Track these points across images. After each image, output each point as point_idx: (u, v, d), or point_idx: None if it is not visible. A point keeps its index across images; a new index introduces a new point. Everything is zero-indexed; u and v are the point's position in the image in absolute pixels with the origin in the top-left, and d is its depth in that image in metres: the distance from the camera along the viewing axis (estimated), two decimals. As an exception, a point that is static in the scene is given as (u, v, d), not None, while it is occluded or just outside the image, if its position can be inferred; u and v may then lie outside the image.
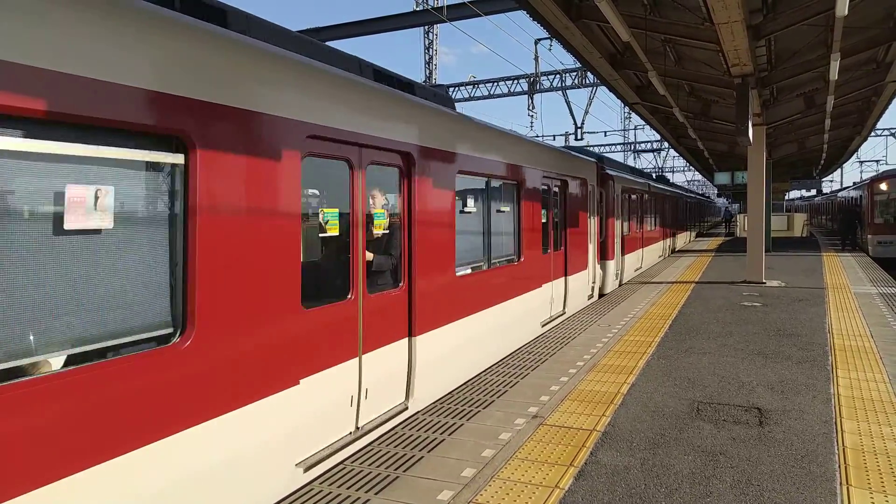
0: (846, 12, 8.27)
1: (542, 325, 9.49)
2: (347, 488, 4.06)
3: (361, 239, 5.01)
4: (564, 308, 10.67)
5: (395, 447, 4.74)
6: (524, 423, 5.22)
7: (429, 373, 5.92)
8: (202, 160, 3.49)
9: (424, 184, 5.89)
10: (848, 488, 3.99)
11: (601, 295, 13.30)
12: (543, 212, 9.61)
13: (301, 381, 4.23)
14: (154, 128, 3.25)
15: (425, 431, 5.06)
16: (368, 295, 5.09)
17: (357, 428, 4.94)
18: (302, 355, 4.28)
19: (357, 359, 4.89)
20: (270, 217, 4.00)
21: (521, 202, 8.61)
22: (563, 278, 10.58)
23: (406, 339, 5.64)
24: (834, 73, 11.78)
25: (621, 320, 9.82)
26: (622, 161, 42.85)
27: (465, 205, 7.11)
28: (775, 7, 10.62)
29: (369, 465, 4.43)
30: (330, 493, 4.01)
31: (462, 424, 5.21)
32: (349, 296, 4.88)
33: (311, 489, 4.08)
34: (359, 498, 3.92)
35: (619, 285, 14.76)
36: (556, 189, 10.49)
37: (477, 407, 5.65)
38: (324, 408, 4.52)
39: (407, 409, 5.58)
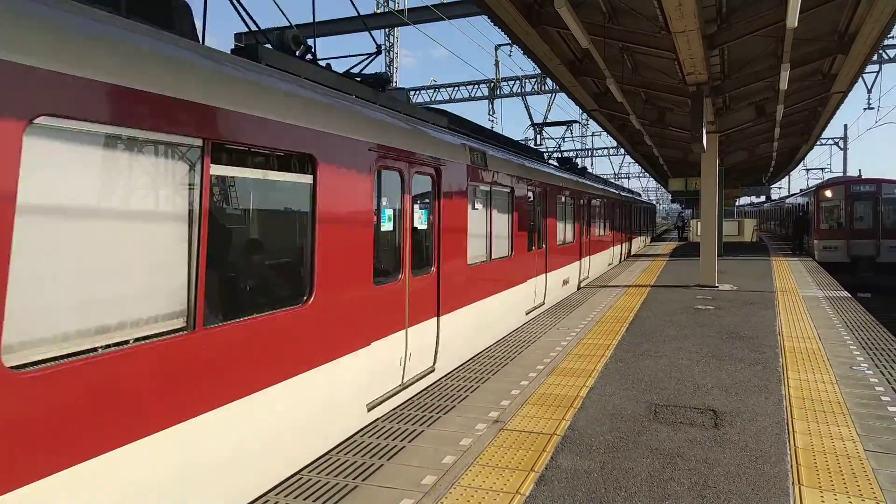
0: (796, 24, 8.53)
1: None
2: (304, 500, 3.95)
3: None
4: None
5: (354, 456, 4.65)
6: (485, 429, 5.19)
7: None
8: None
9: (553, 201, 12.74)
10: (800, 488, 4.08)
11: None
12: (588, 214, 17.53)
13: (528, 280, 10.35)
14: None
15: (385, 439, 4.98)
16: (554, 246, 12.24)
17: (543, 302, 11.37)
18: (538, 267, 11.10)
19: (544, 275, 11.45)
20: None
21: (581, 210, 15.96)
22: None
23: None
24: (784, 83, 12.16)
25: (580, 323, 9.91)
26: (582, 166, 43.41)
27: (565, 208, 14.24)
28: (729, 18, 10.90)
29: (327, 474, 4.33)
30: (286, 504, 3.90)
31: (422, 431, 5.15)
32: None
33: (268, 500, 3.95)
34: (316, 508, 3.82)
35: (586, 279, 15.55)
36: (595, 204, 18.84)
37: (437, 413, 5.60)
38: (528, 293, 10.39)
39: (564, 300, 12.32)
